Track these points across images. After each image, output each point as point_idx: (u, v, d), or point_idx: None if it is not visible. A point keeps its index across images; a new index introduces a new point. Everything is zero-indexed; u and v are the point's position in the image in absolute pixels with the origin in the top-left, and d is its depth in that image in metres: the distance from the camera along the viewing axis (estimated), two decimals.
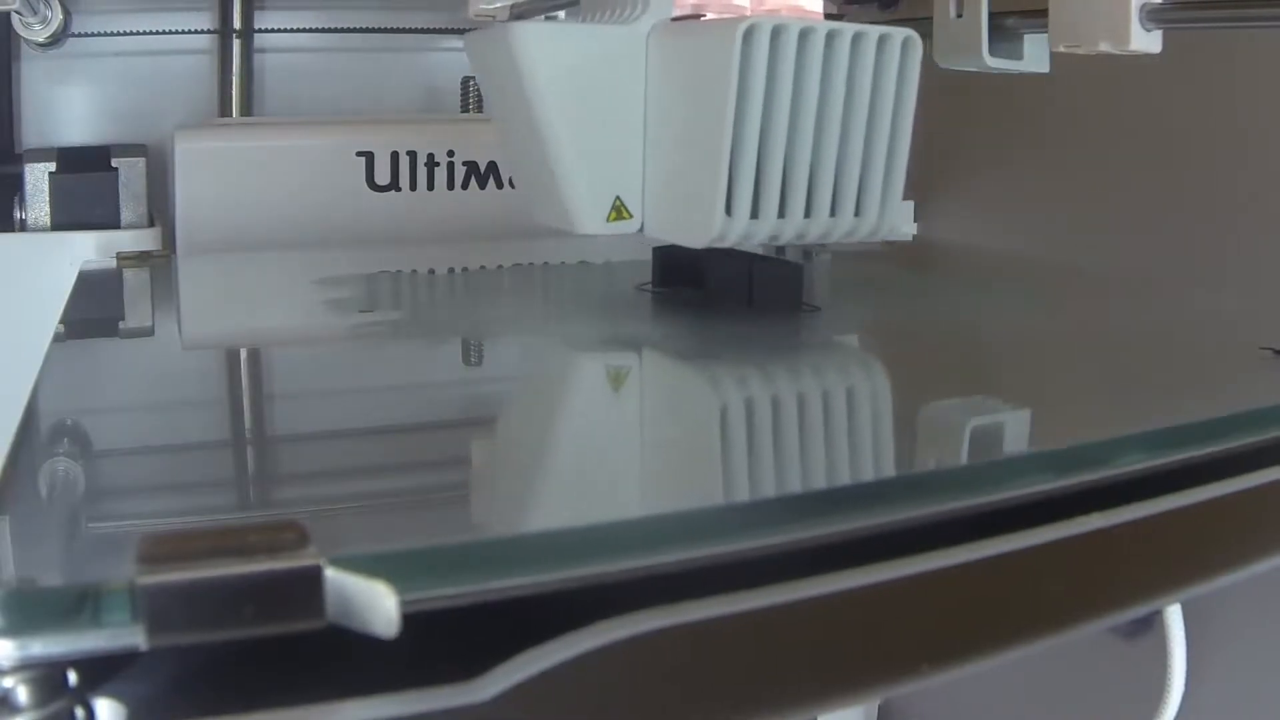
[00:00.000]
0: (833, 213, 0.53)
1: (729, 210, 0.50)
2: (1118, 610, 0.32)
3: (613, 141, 0.53)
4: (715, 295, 0.54)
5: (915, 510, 0.29)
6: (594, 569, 0.25)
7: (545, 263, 0.71)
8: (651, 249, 0.58)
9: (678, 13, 0.53)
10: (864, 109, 0.51)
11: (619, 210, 0.54)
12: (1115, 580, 0.32)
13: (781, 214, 0.51)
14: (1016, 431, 0.40)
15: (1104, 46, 0.51)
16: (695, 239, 0.52)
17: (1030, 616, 0.30)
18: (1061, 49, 0.54)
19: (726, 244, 0.51)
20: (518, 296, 0.65)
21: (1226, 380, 0.45)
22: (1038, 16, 0.59)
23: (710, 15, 0.53)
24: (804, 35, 0.49)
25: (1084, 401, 0.43)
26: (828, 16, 0.54)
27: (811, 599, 0.27)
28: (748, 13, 0.53)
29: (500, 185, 0.82)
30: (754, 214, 0.51)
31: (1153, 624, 0.62)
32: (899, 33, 0.51)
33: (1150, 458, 0.33)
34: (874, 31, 0.51)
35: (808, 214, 0.52)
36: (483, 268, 0.72)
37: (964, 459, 0.37)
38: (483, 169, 0.82)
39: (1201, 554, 0.34)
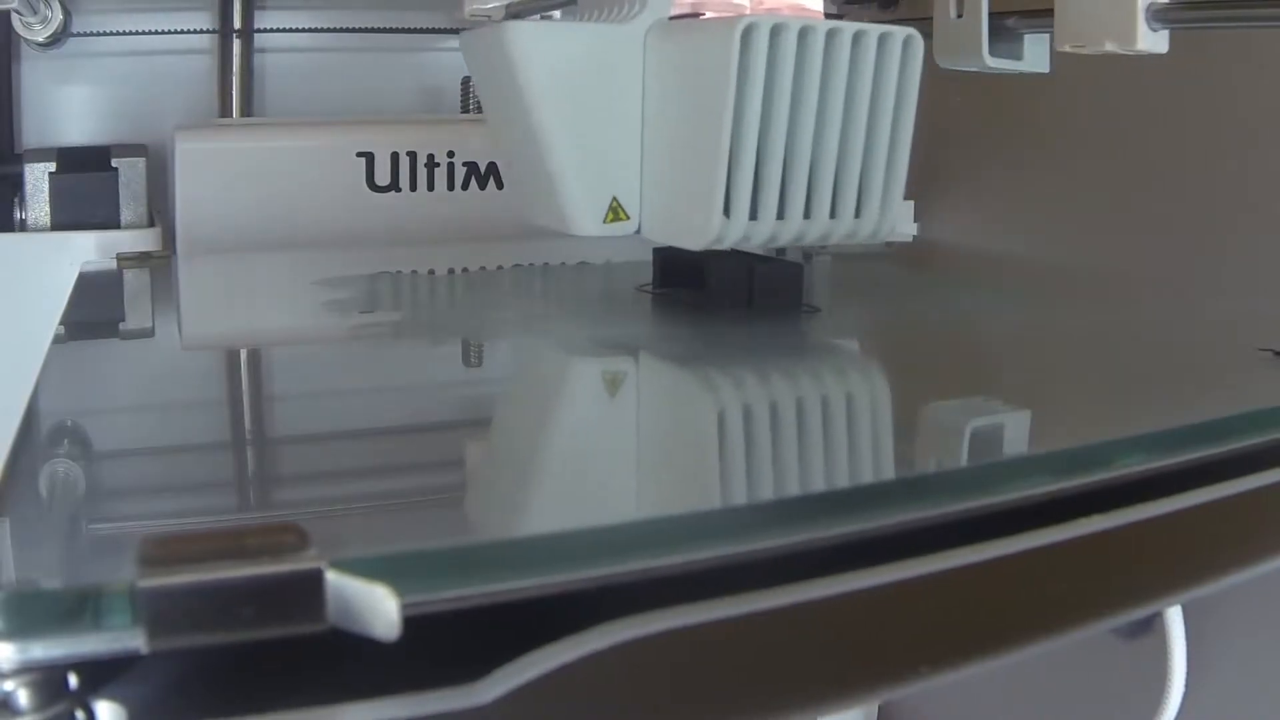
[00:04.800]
0: (833, 214, 0.52)
1: (727, 211, 0.50)
2: (1118, 613, 0.32)
3: (610, 142, 0.52)
4: (715, 296, 0.54)
5: (915, 513, 0.29)
6: (594, 572, 0.25)
7: (545, 263, 0.71)
8: (652, 250, 0.58)
9: (676, 11, 0.53)
10: (864, 109, 0.51)
11: (616, 211, 0.53)
12: (1116, 582, 0.32)
13: (780, 215, 0.51)
14: (1016, 433, 0.40)
15: (1110, 47, 0.51)
16: (693, 240, 0.51)
17: (1030, 619, 0.30)
18: (1067, 49, 0.53)
19: (724, 246, 0.51)
20: (518, 297, 0.65)
21: (1226, 382, 0.45)
22: (1038, 16, 0.59)
23: (709, 14, 0.53)
24: (803, 34, 0.49)
25: (1084, 403, 0.43)
26: (828, 16, 0.54)
27: (812, 601, 0.27)
28: (747, 11, 0.53)
29: (500, 186, 0.82)
30: (753, 215, 0.50)
31: (1153, 625, 0.62)
32: (900, 32, 0.51)
33: (1150, 459, 0.33)
34: (874, 30, 0.50)
35: (807, 215, 0.51)
36: (483, 268, 0.72)
37: (964, 461, 0.37)
38: (483, 169, 0.82)
39: (1202, 556, 0.34)
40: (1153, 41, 0.50)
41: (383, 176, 0.80)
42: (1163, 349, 0.51)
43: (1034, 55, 0.61)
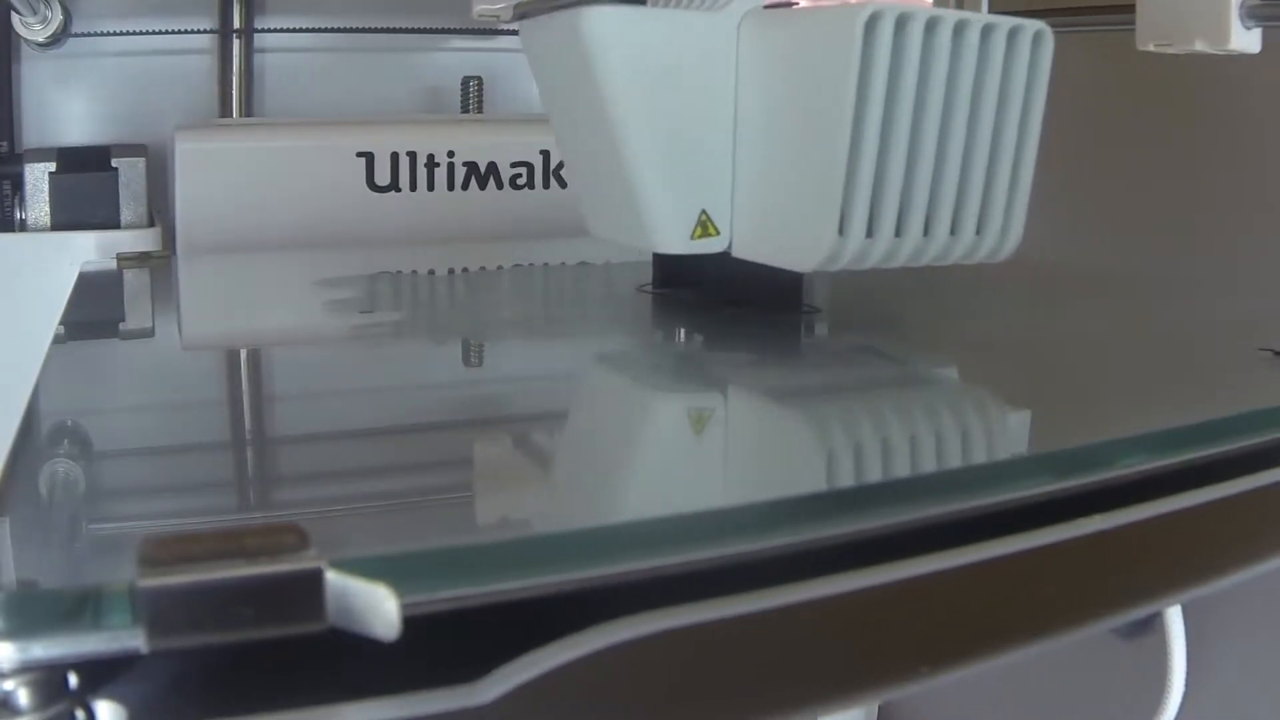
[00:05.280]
0: (952, 230, 0.47)
1: (841, 229, 0.44)
2: (1118, 612, 0.32)
3: (698, 146, 0.47)
4: (716, 296, 0.54)
5: (916, 512, 0.29)
6: (594, 571, 0.25)
7: (545, 264, 0.71)
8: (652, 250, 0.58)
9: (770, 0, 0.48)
10: (990, 112, 0.46)
11: (705, 226, 0.48)
12: (1116, 582, 0.32)
13: (898, 232, 0.46)
14: (1017, 432, 0.40)
15: (1200, 46, 0.48)
16: (800, 261, 0.46)
17: (1030, 618, 0.30)
18: (1151, 48, 0.50)
19: (837, 267, 0.45)
20: (518, 298, 0.65)
21: (1227, 382, 0.45)
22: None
23: (805, 2, 0.47)
24: (930, 25, 0.43)
25: (1084, 403, 0.43)
26: None
27: (812, 601, 0.27)
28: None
29: (500, 186, 0.82)
30: (869, 232, 0.45)
31: (1153, 624, 0.62)
32: (1030, 25, 0.46)
33: (1151, 459, 0.33)
34: (1005, 23, 0.45)
35: (926, 232, 0.46)
36: (483, 269, 0.72)
37: (964, 460, 0.37)
38: (483, 169, 0.82)
39: (1202, 556, 0.34)
40: (1246, 40, 0.47)
41: (383, 176, 0.80)
42: (1163, 349, 0.51)
43: None
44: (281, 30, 0.93)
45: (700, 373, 0.48)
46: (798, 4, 0.48)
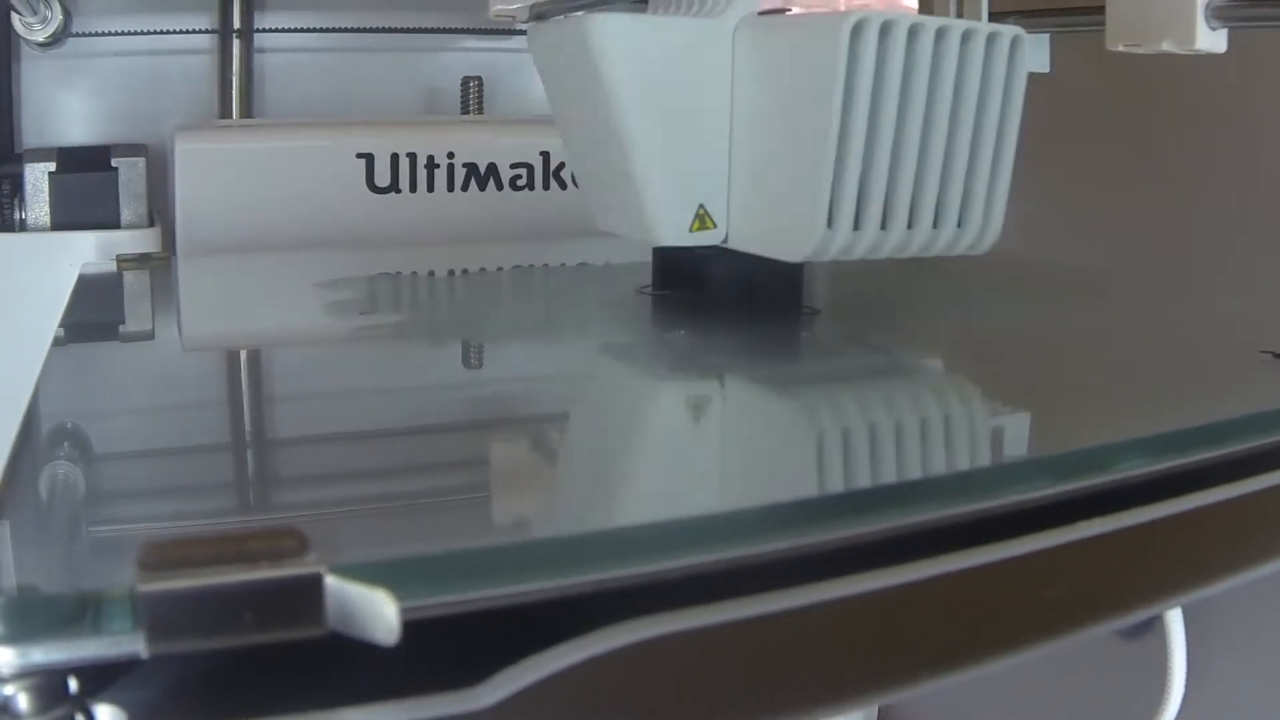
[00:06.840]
0: (935, 224, 0.49)
1: (830, 221, 0.47)
2: (1118, 615, 0.32)
3: (697, 144, 0.50)
4: (715, 298, 0.54)
5: (916, 516, 0.29)
6: (594, 575, 0.25)
7: (546, 264, 0.71)
8: (652, 250, 0.58)
9: (765, 6, 0.50)
10: (970, 112, 0.48)
11: (702, 219, 0.50)
12: (1115, 585, 0.32)
13: (883, 225, 0.48)
14: (1016, 435, 0.40)
15: (1166, 46, 0.49)
16: (791, 252, 0.49)
17: (1031, 622, 0.30)
18: (1120, 48, 0.51)
19: (826, 258, 0.48)
20: (518, 299, 0.65)
21: (1226, 384, 0.45)
22: (1038, 16, 0.59)
23: (797, 9, 0.50)
24: (913, 31, 0.46)
25: (1084, 405, 0.43)
26: None
27: (813, 605, 0.27)
28: (841, 6, 0.49)
29: (500, 187, 0.82)
30: (856, 225, 0.48)
31: (1153, 625, 0.62)
32: (1008, 30, 0.48)
33: (1150, 462, 0.33)
34: (983, 29, 0.48)
35: (910, 225, 0.49)
36: (483, 270, 0.72)
37: (964, 464, 0.37)
38: (483, 170, 0.82)
39: (1202, 559, 0.34)
40: (1212, 41, 0.48)
41: (382, 177, 0.80)
42: (1163, 351, 0.51)
43: (1034, 55, 0.60)
44: (281, 30, 0.93)
45: (696, 372, 0.48)
46: (791, 10, 0.50)
